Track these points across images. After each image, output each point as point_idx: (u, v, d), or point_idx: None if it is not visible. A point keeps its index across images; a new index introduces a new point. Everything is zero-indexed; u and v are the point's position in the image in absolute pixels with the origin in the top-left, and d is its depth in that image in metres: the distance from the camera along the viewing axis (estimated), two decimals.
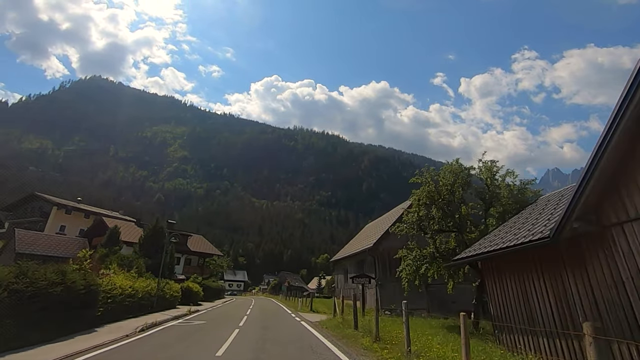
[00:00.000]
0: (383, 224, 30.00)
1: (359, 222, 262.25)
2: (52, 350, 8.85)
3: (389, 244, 25.81)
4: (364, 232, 37.82)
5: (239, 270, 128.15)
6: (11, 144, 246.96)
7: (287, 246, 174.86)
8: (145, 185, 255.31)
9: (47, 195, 53.97)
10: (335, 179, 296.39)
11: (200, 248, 51.68)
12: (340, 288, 36.05)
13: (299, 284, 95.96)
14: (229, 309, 26.99)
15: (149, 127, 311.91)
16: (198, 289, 31.47)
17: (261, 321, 17.53)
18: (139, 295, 18.00)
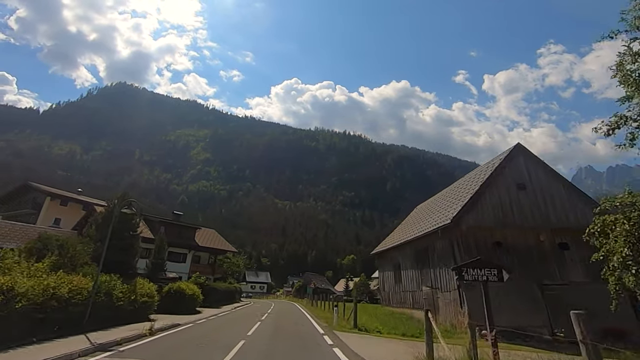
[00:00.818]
0: (460, 191, 20.14)
1: (385, 223, 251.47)
2: None
3: (478, 220, 16.29)
4: (417, 216, 28.10)
5: (261, 271, 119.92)
6: (42, 150, 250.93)
7: (311, 247, 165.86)
8: (170, 187, 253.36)
9: (41, 185, 46.83)
10: (358, 179, 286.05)
11: (211, 243, 43.18)
12: (389, 292, 26.47)
13: (325, 285, 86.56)
14: (229, 321, 18.02)
15: (172, 131, 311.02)
16: (195, 292, 22.67)
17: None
18: (37, 300, 9.29)
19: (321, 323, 17.99)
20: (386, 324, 16.06)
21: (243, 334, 12.89)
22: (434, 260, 18.22)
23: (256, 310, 29.01)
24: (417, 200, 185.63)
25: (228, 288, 36.15)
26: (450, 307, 16.07)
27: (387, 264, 27.08)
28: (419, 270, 20.28)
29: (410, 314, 20.49)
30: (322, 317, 21.12)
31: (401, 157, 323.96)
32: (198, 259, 42.51)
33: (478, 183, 17.49)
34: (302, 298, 68.65)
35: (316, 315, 22.89)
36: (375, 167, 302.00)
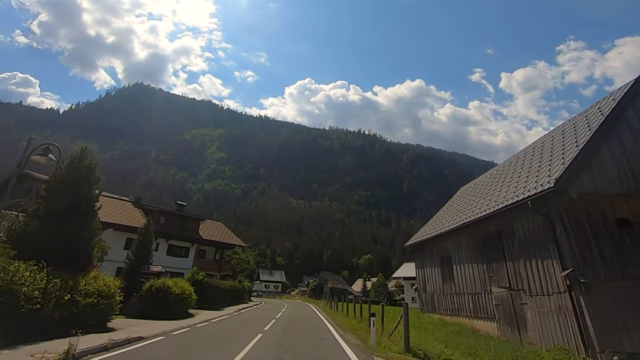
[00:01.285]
0: (545, 153, 14.00)
1: (401, 222, 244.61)
2: None
3: (593, 184, 10.58)
4: (467, 198, 22.08)
5: (276, 270, 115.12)
6: (63, 149, 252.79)
7: (327, 246, 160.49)
8: (185, 186, 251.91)
9: (35, 173, 42.91)
10: (373, 178, 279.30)
11: (217, 237, 38.18)
12: (434, 294, 20.57)
13: (341, 285, 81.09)
14: (220, 332, 12.98)
15: (188, 131, 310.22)
16: (185, 291, 17.57)
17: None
18: None
19: (348, 337, 12.59)
20: (450, 343, 10.53)
21: (228, 357, 7.63)
22: (514, 248, 12.57)
23: (264, 313, 23.77)
24: (434, 200, 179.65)
25: (234, 287, 31.03)
26: (551, 319, 10.40)
27: (430, 258, 21.28)
28: (485, 265, 14.63)
29: (470, 325, 14.89)
30: (347, 327, 15.71)
31: (417, 156, 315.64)
32: (203, 254, 37.64)
33: (584, 133, 11.74)
34: (318, 299, 63.39)
35: (339, 324, 17.49)
36: (390, 166, 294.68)
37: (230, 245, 39.27)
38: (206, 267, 35.74)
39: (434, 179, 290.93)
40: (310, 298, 74.74)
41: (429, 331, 13.91)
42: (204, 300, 23.11)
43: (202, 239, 35.84)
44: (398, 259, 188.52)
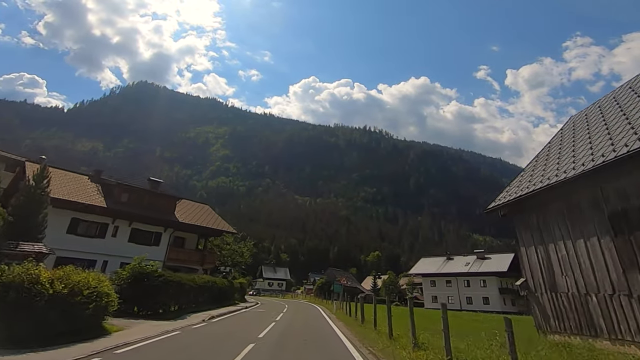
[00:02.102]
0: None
1: (408, 220, 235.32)
2: None
3: None
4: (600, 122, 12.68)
5: (280, 267, 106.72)
6: (65, 147, 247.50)
7: (333, 242, 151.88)
8: (189, 183, 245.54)
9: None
10: (379, 175, 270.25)
11: (200, 220, 29.62)
12: (562, 296, 10.85)
13: (352, 283, 72.43)
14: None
15: (193, 128, 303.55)
16: (93, 292, 8.99)
17: None
18: None
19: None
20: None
21: None
22: None
23: (248, 324, 15.18)
24: (441, 197, 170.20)
25: (213, 284, 22.44)
26: None
27: (552, 228, 12.08)
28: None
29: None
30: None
31: (425, 152, 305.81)
32: (181, 242, 29.14)
33: None
34: (326, 298, 54.88)
35: (378, 351, 8.83)
36: (397, 163, 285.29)
37: (216, 232, 30.69)
38: (185, 259, 27.41)
39: (442, 175, 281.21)
40: (317, 297, 66.16)
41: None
42: (153, 302, 14.66)
43: (179, 223, 27.35)
44: (407, 256, 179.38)
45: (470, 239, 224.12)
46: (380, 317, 13.99)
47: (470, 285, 51.82)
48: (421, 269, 58.80)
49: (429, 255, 69.56)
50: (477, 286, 51.02)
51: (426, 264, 58.95)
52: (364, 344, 10.30)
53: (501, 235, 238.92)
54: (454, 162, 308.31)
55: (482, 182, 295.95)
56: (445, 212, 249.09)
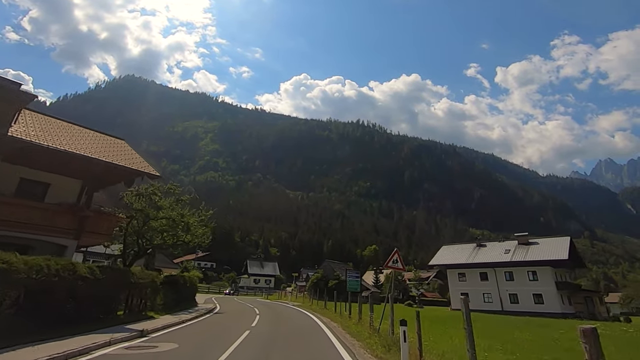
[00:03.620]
0: None
1: (404, 214, 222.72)
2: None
3: None
4: None
5: (268, 262, 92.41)
6: None
7: (327, 236, 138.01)
8: (176, 178, 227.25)
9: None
10: (373, 169, 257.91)
11: (87, 149, 14.80)
12: None
13: None
14: None
15: (181, 123, 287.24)
16: None
17: None
18: None
19: None
20: None
21: None
22: None
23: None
24: (436, 191, 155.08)
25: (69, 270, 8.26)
26: None
27: None
28: None
29: None
30: None
31: (419, 146, 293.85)
32: (42, 190, 14.49)
33: None
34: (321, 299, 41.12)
35: None
36: (391, 157, 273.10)
37: (124, 172, 16.01)
38: (37, 223, 12.83)
39: (436, 170, 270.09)
40: (311, 297, 52.41)
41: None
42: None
43: (25, 144, 12.83)
44: (404, 250, 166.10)
45: (467, 232, 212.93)
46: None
47: (514, 279, 38.47)
48: (444, 258, 45.22)
49: (450, 243, 56.18)
50: (524, 279, 37.73)
51: (451, 253, 45.39)
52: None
53: (497, 229, 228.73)
54: (448, 156, 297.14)
55: (477, 177, 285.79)
56: (440, 206, 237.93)
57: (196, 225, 19.17)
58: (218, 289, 58.55)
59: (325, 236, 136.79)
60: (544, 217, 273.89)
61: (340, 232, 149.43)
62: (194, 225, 18.70)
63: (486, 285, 39.76)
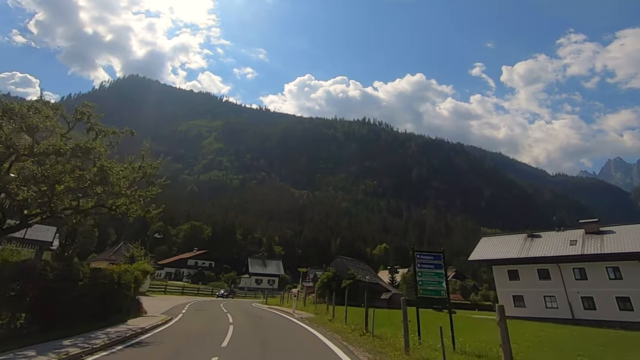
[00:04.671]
0: None
1: (412, 213, 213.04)
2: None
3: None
4: None
5: (272, 260, 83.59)
6: None
7: (335, 234, 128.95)
8: (179, 177, 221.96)
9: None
10: (380, 168, 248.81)
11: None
12: None
13: (370, 278, 49.75)
14: None
15: (184, 122, 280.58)
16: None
17: None
18: None
19: None
20: None
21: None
22: None
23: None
24: (445, 189, 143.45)
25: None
26: None
27: None
28: None
29: None
30: None
31: (426, 144, 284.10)
32: None
33: None
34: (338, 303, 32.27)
35: None
36: (398, 155, 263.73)
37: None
38: None
39: (445, 167, 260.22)
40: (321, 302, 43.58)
41: None
42: None
43: None
44: None
45: (479, 231, 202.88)
46: None
47: (587, 277, 29.25)
48: (488, 252, 35.99)
49: (490, 234, 47.09)
50: (602, 278, 28.54)
51: (495, 246, 36.21)
52: None
53: (509, 227, 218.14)
54: (456, 154, 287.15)
55: (486, 175, 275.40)
56: (449, 205, 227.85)
57: (127, 175, 10.61)
58: (211, 291, 49.82)
59: (333, 234, 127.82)
60: (556, 215, 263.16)
61: (348, 231, 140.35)
62: (117, 174, 10.12)
63: (548, 286, 30.63)
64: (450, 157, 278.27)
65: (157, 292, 37.15)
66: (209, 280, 68.37)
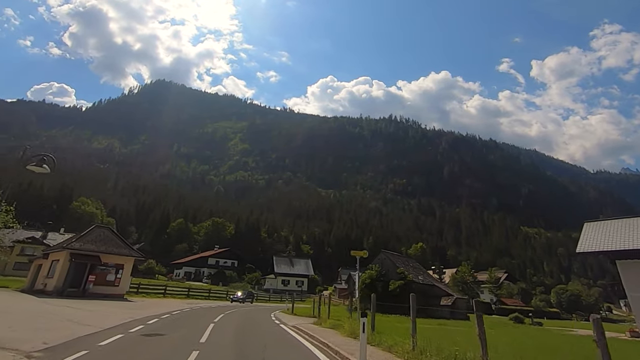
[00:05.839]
0: None
1: (445, 212, 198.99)
2: None
3: None
4: None
5: (299, 259, 74.46)
6: (81, 144, 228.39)
7: (366, 233, 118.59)
8: (206, 178, 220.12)
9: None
10: (409, 166, 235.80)
11: None
12: None
13: (424, 278, 39.59)
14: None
15: (210, 124, 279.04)
16: None
17: None
18: None
19: None
20: None
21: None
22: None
23: None
24: (479, 186, 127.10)
25: None
26: None
27: None
28: None
29: None
30: None
31: (457, 140, 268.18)
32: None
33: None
34: (381, 311, 22.57)
35: None
36: (428, 152, 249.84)
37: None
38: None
39: (479, 164, 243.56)
40: (363, 309, 33.88)
41: None
42: None
43: None
44: (454, 250, 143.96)
45: (519, 231, 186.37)
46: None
47: None
48: (603, 242, 25.14)
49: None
50: None
51: (615, 233, 25.19)
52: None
53: (551, 227, 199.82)
54: (489, 150, 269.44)
55: (523, 172, 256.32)
56: (485, 203, 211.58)
57: None
58: (226, 293, 40.99)
59: (364, 233, 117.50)
60: (603, 213, 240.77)
61: (380, 229, 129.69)
62: None
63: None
64: (483, 153, 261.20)
65: (151, 294, 28.85)
66: (230, 281, 60.21)
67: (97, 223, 44.87)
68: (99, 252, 22.18)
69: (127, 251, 24.06)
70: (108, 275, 22.02)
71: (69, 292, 19.81)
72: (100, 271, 21.83)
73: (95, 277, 21.01)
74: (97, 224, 33.14)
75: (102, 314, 13.17)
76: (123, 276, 22.98)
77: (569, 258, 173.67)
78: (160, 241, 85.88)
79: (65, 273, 20.26)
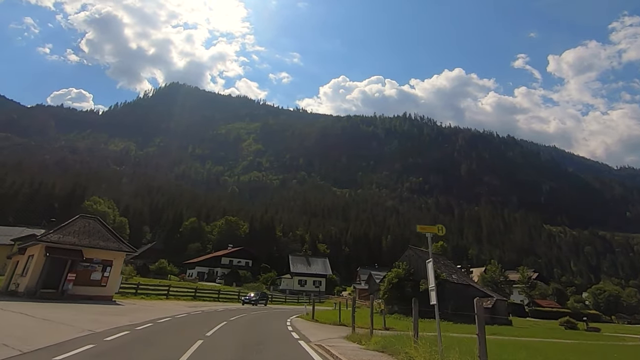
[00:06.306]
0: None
1: (464, 210, 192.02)
2: None
3: None
4: None
5: (316, 258, 70.39)
6: (98, 147, 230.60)
7: (385, 232, 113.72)
8: (220, 179, 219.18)
9: None
10: (425, 164, 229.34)
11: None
12: None
13: (458, 278, 34.65)
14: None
15: (224, 126, 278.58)
16: None
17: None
18: None
19: None
20: None
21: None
22: None
23: None
24: (498, 184, 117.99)
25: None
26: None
27: None
28: None
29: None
30: None
31: (474, 137, 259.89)
32: None
33: None
34: (425, 316, 18.21)
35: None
36: (444, 150, 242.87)
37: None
38: None
39: (497, 161, 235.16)
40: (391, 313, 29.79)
41: None
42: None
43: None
44: (477, 249, 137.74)
45: (542, 230, 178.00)
46: None
47: None
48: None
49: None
50: None
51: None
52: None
53: (575, 224, 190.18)
54: (508, 147, 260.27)
55: (543, 168, 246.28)
56: (505, 201, 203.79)
57: None
58: (237, 295, 37.11)
59: (383, 232, 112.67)
60: (630, 211, 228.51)
61: (398, 228, 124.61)
62: None
63: None
64: (501, 150, 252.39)
65: (152, 296, 25.18)
66: (244, 281, 56.62)
67: (109, 222, 41.80)
68: (82, 246, 18.34)
69: (117, 245, 20.13)
70: (93, 274, 18.21)
71: (43, 293, 16.09)
72: (83, 268, 18.11)
73: (75, 276, 17.31)
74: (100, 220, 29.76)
75: (53, 324, 9.27)
76: (111, 274, 19.09)
77: (597, 257, 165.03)
78: (173, 240, 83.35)
79: (39, 271, 16.60)
